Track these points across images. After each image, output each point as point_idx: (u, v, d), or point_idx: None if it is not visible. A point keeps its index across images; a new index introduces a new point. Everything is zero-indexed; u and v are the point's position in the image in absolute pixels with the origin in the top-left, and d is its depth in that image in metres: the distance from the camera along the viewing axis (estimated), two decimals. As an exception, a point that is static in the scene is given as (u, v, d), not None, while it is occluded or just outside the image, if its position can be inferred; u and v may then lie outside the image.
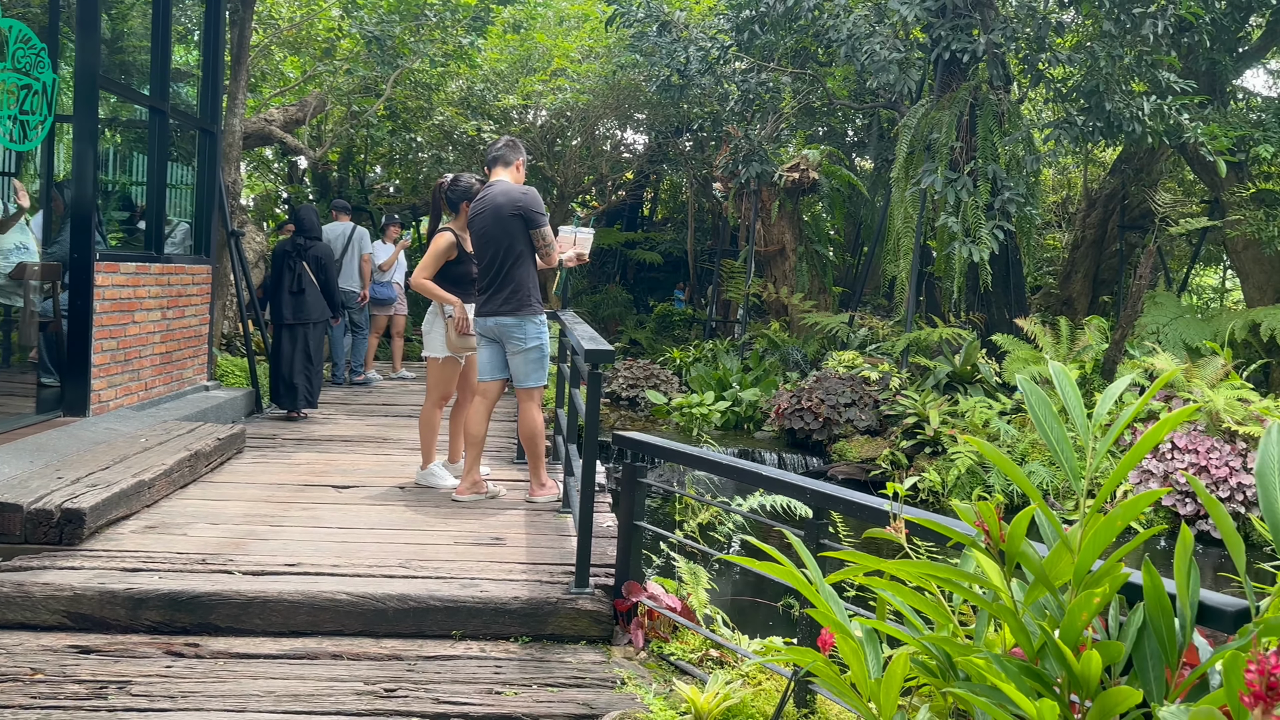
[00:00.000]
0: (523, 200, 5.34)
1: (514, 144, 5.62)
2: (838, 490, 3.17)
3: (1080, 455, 2.48)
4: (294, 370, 8.28)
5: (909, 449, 10.32)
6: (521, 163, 5.62)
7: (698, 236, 21.91)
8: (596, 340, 4.34)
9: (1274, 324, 10.95)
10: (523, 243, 5.36)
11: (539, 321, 5.45)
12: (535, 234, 5.36)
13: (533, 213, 5.34)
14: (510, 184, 5.44)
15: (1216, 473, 9.03)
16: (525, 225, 5.33)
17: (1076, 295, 17.28)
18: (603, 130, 18.55)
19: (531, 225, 5.35)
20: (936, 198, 10.82)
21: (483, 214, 5.36)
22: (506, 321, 5.38)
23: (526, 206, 5.33)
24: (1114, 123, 10.19)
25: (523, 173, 5.63)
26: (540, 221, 5.38)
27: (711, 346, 14.74)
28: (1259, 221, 11.21)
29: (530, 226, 5.35)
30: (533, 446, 5.48)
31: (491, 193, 5.40)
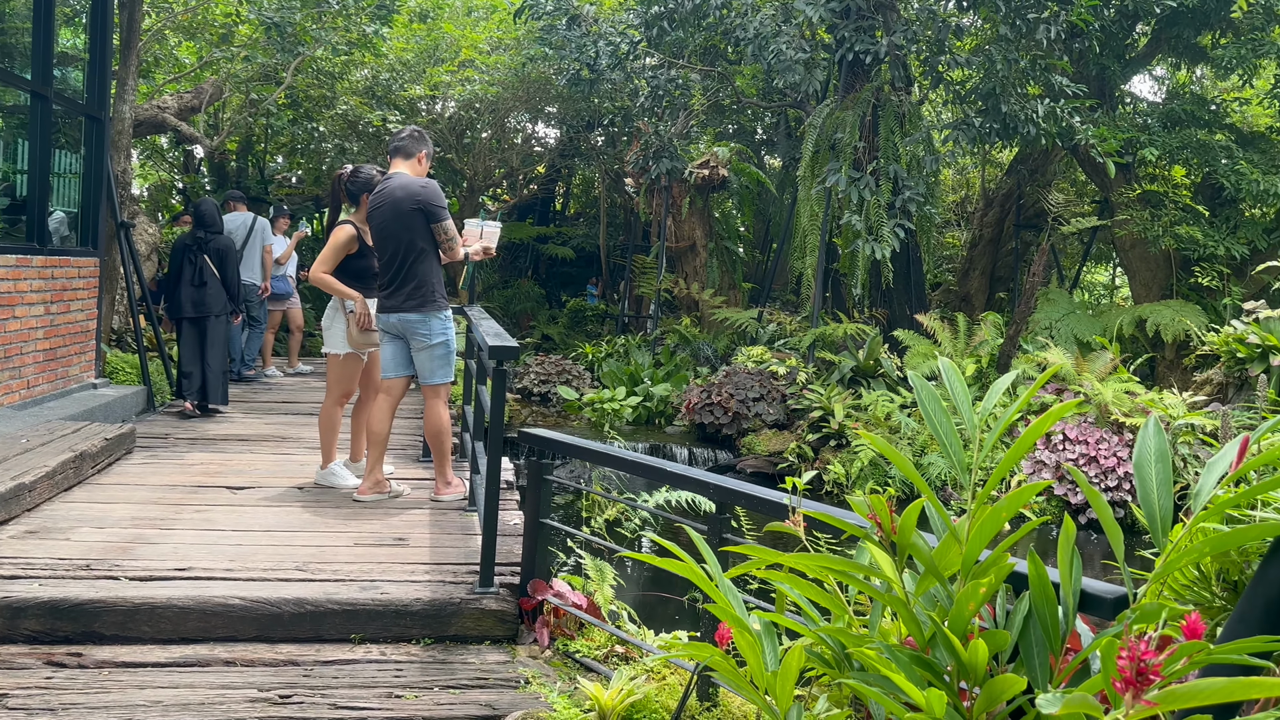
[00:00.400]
0: (422, 194, 5.23)
1: (419, 136, 5.50)
2: (739, 485, 3.20)
3: (968, 447, 2.54)
4: (201, 364, 8.12)
5: (815, 442, 10.50)
6: (425, 155, 5.50)
7: (610, 232, 21.92)
8: (501, 336, 4.28)
9: (1159, 320, 11.48)
10: (424, 237, 5.25)
11: (444, 317, 5.36)
12: (436, 228, 5.26)
13: (433, 206, 5.23)
14: (409, 177, 5.32)
15: (1105, 462, 9.42)
16: (426, 219, 5.22)
17: (974, 292, 17.83)
18: (513, 123, 18.39)
19: (432, 219, 5.24)
20: (841, 196, 11.03)
21: (381, 208, 5.24)
22: (410, 318, 5.27)
23: (426, 200, 5.22)
24: (1010, 124, 10.54)
25: (425, 166, 5.51)
26: (441, 215, 5.28)
27: (624, 342, 14.76)
28: (1145, 221, 11.73)
29: (431, 220, 5.24)
30: (438, 444, 5.39)
31: (390, 186, 5.27)
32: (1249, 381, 9.60)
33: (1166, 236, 11.69)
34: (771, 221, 19.43)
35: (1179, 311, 11.58)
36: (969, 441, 2.49)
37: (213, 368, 8.17)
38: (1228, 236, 11.50)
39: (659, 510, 4.00)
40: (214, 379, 8.18)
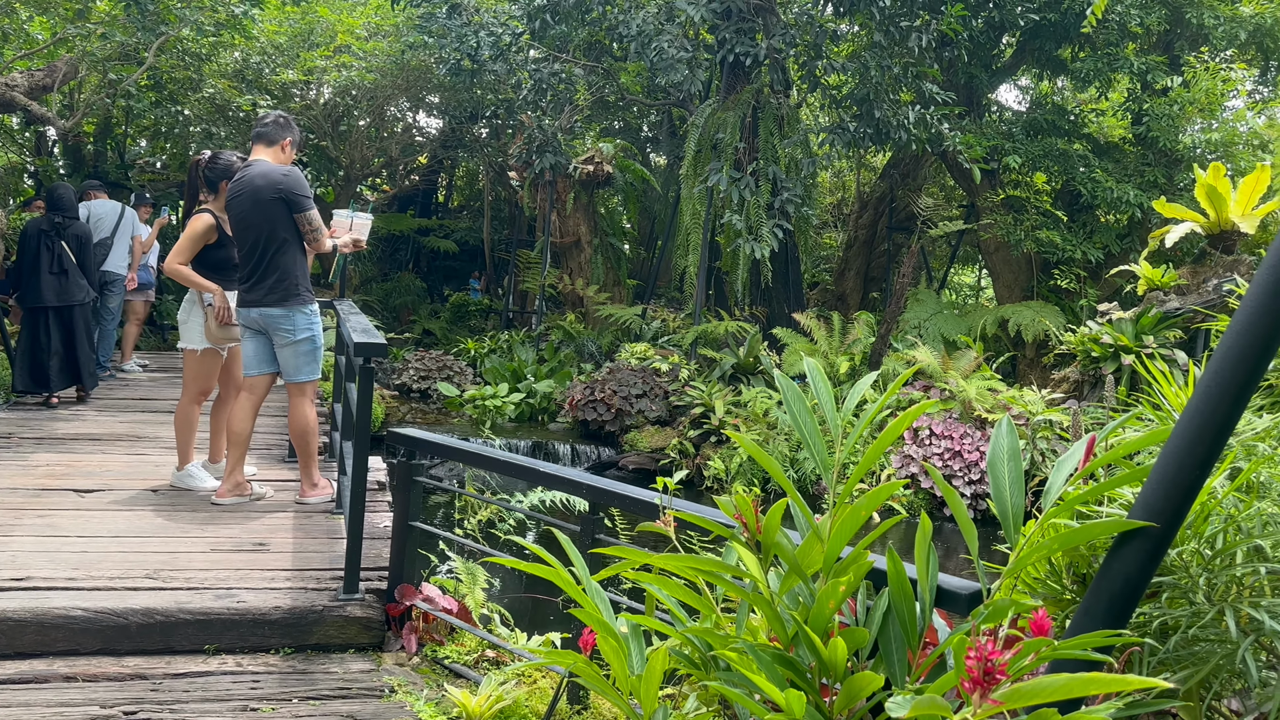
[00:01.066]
0: (284, 182, 5.00)
1: (283, 122, 5.26)
2: (610, 485, 3.16)
3: (831, 446, 2.56)
4: (72, 353, 7.99)
5: (696, 438, 10.60)
6: (290, 143, 5.26)
7: (495, 225, 21.65)
8: (369, 332, 4.13)
9: (1020, 320, 12.02)
10: (286, 228, 5.03)
11: (309, 312, 5.16)
12: (300, 218, 5.04)
13: (295, 195, 5.02)
14: (270, 164, 5.09)
15: (969, 457, 9.81)
16: (288, 209, 5.00)
17: (849, 291, 18.34)
18: (394, 112, 17.93)
19: (295, 209, 5.02)
20: (722, 195, 11.16)
21: (240, 196, 4.99)
22: (273, 313, 5.05)
23: (288, 189, 5.00)
24: (883, 129, 10.86)
25: (289, 153, 5.27)
26: (304, 205, 5.06)
27: (507, 338, 14.59)
28: (1008, 225, 12.27)
29: (294, 210, 5.02)
30: (304, 444, 5.18)
31: (249, 174, 5.02)
32: (1102, 380, 10.14)
33: (1028, 240, 12.25)
34: (656, 219, 19.54)
35: (1039, 312, 12.15)
36: (834, 440, 2.51)
37: (84, 355, 8.10)
38: (1084, 241, 12.13)
39: (533, 512, 3.93)
40: (86, 365, 8.13)
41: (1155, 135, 11.55)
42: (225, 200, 5.16)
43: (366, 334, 4.08)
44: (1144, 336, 9.85)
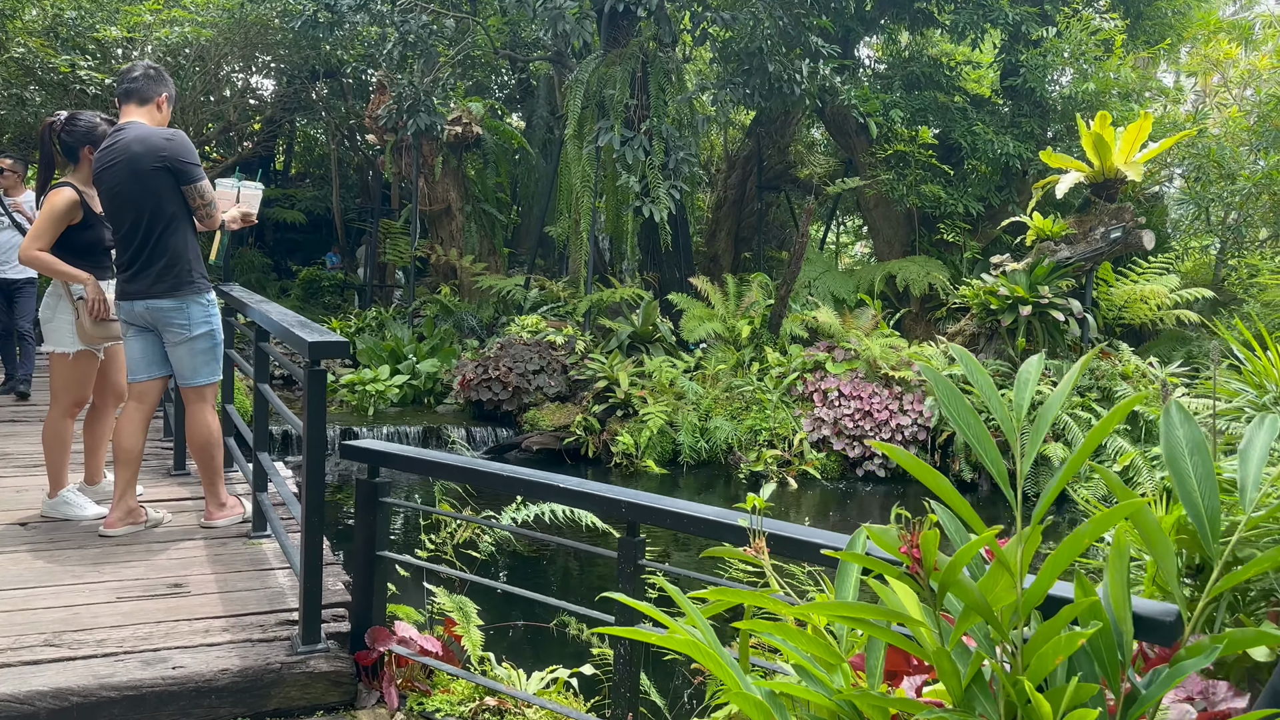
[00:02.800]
0: (168, 148, 4.17)
1: (156, 75, 4.38)
2: (663, 501, 2.64)
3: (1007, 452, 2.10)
4: None
5: (601, 413, 10.11)
6: (166, 99, 4.40)
7: (345, 194, 20.29)
8: (312, 327, 3.41)
9: (908, 275, 12.06)
10: (174, 202, 4.21)
11: (206, 302, 4.35)
12: (189, 190, 4.23)
13: (182, 164, 4.20)
14: (148, 127, 4.23)
15: (879, 416, 9.73)
16: (174, 180, 4.18)
17: (721, 253, 18.14)
18: (228, 72, 16.36)
19: (184, 180, 4.21)
20: (616, 157, 10.60)
21: (114, 166, 4.12)
22: (163, 305, 4.22)
23: (174, 156, 4.17)
24: (775, 85, 10.53)
25: (166, 112, 4.41)
26: (195, 174, 4.25)
27: (376, 315, 13.61)
28: (891, 181, 12.25)
29: (182, 181, 4.21)
30: (207, 459, 4.39)
31: (124, 139, 4.16)
32: (998, 332, 10.25)
33: (911, 195, 12.27)
34: (520, 183, 18.74)
35: (925, 266, 12.23)
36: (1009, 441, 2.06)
37: None
38: (965, 194, 12.26)
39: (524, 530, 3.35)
40: None
41: (1031, 86, 11.73)
42: (91, 171, 4.26)
43: (310, 328, 3.36)
44: (1039, 287, 9.99)
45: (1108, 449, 9.37)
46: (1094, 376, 9.98)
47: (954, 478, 9.64)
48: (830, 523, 8.90)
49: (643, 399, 9.96)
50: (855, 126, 12.90)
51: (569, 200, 11.57)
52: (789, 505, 9.19)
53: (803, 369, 10.26)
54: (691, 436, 9.83)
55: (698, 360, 10.81)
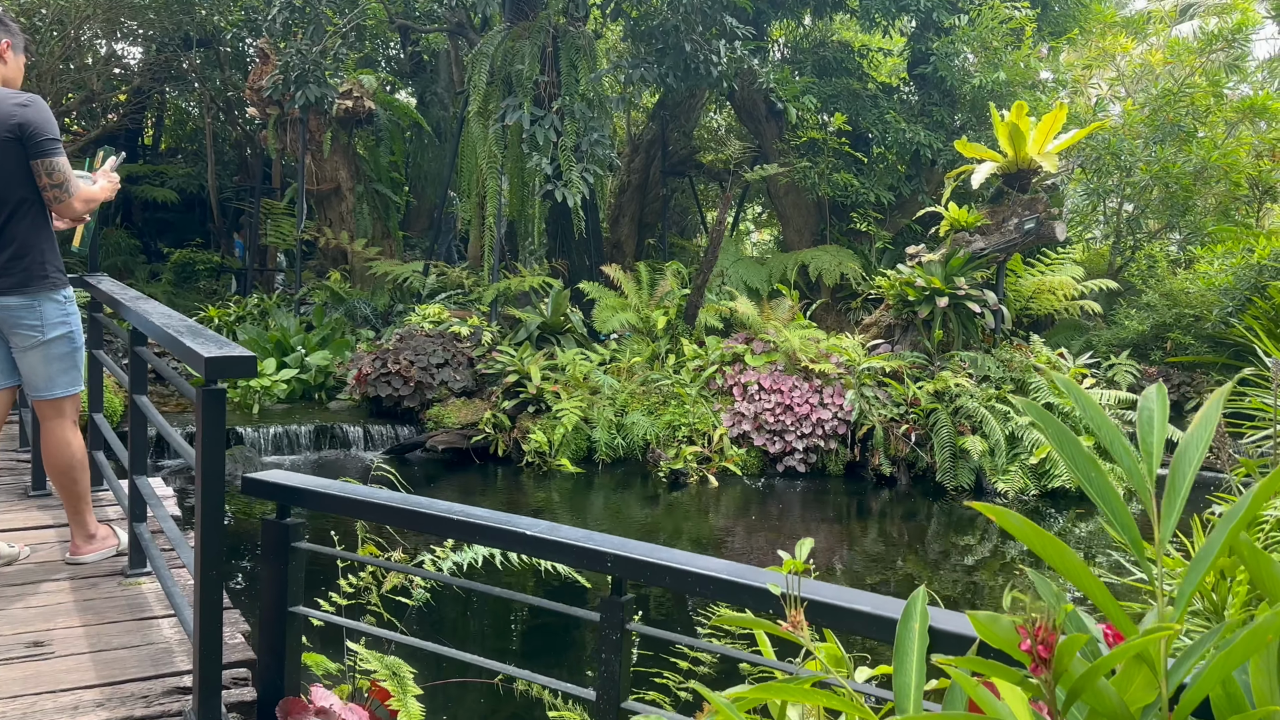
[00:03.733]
0: (22, 113, 3.44)
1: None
2: (663, 555, 2.16)
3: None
4: None
5: (512, 409, 9.54)
6: (9, 47, 3.65)
7: (221, 170, 18.97)
8: (206, 336, 2.78)
9: (821, 265, 11.86)
10: (24, 182, 3.49)
11: (63, 299, 3.65)
12: (42, 167, 3.50)
13: (41, 134, 3.47)
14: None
15: (799, 410, 9.47)
16: (25, 153, 3.47)
17: (625, 239, 17.69)
18: (90, 37, 14.99)
19: (37, 153, 3.49)
20: (525, 136, 9.99)
21: None
22: (9, 303, 3.51)
23: (30, 123, 3.45)
24: (690, 65, 10.11)
25: (13, 66, 3.66)
26: (53, 148, 3.52)
27: (258, 302, 12.65)
28: (804, 169, 12.02)
29: (35, 154, 3.49)
30: (70, 483, 3.68)
31: None
32: (914, 324, 10.12)
33: (824, 184, 12.07)
34: (413, 161, 17.86)
35: (838, 256, 12.05)
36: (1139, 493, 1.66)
37: None
38: (876, 183, 12.12)
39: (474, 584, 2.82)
40: None
41: (941, 75, 11.65)
42: None
43: (204, 339, 2.73)
44: (955, 279, 9.89)
45: (1024, 442, 9.35)
46: (1006, 368, 9.96)
47: (873, 472, 9.47)
48: (750, 520, 8.60)
49: (555, 394, 9.45)
50: (766, 112, 12.62)
51: (471, 182, 10.91)
52: (709, 503, 8.85)
53: (721, 362, 9.91)
54: (608, 433, 9.38)
55: (612, 353, 10.35)
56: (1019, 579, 7.66)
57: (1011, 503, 9.03)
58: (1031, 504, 9.15)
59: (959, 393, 9.44)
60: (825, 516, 8.82)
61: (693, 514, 8.59)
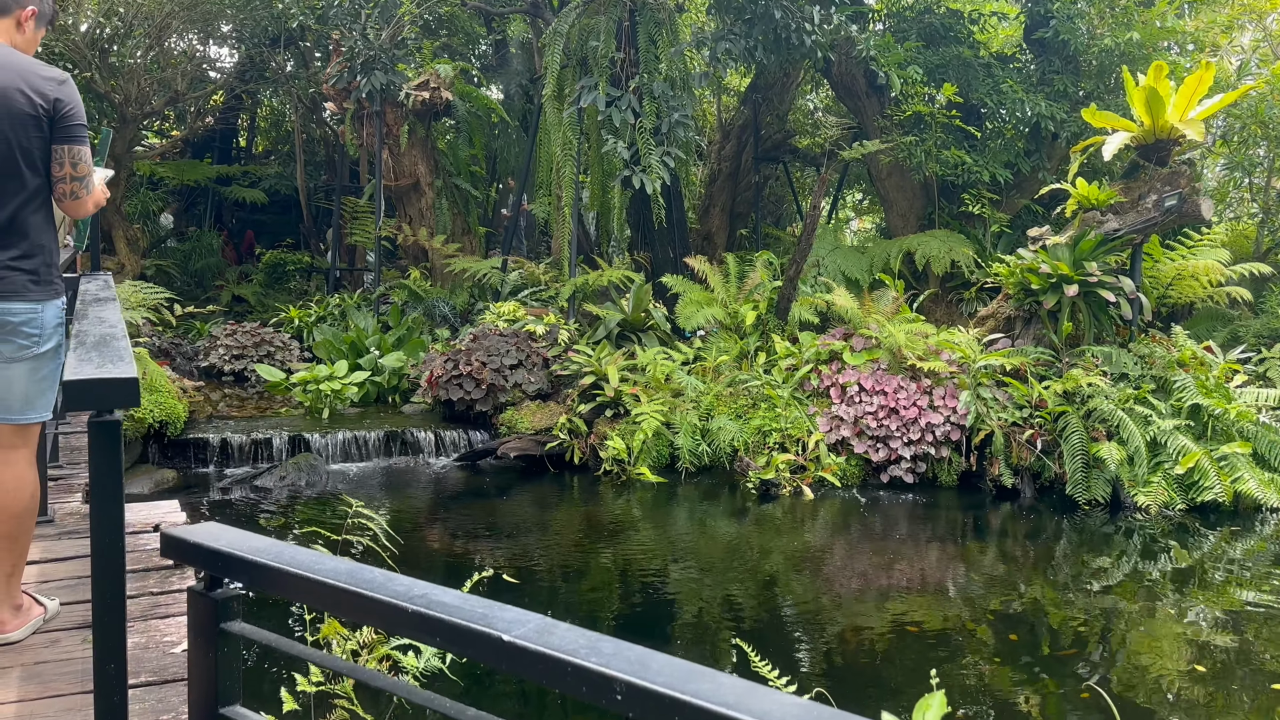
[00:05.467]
0: (59, 91, 2.89)
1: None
2: (703, 687, 1.38)
3: None
4: None
5: (588, 413, 8.85)
6: (32, 16, 3.06)
7: (311, 171, 18.89)
8: (110, 351, 2.10)
9: (929, 252, 10.82)
10: (39, 166, 2.92)
11: (62, 306, 3.08)
12: (67, 154, 2.92)
13: (75, 120, 2.91)
14: (15, 53, 2.93)
15: (906, 414, 8.51)
16: (50, 137, 2.90)
17: (715, 230, 16.86)
18: (175, 38, 14.95)
19: (66, 138, 2.91)
20: (600, 119, 9.28)
21: None
22: (14, 309, 2.91)
23: (67, 102, 2.90)
24: (781, 35, 9.23)
25: (31, 36, 3.07)
26: (83, 136, 2.93)
27: (339, 302, 12.29)
28: (910, 146, 10.98)
29: (62, 139, 2.91)
30: (20, 533, 3.01)
31: None
32: (1037, 315, 9.02)
33: (931, 162, 11.01)
34: (498, 156, 17.38)
35: (947, 242, 10.99)
36: None
37: None
38: (991, 160, 11.00)
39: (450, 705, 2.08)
40: None
41: (1064, 38, 10.46)
42: None
43: (94, 359, 2.03)
44: (1085, 263, 8.76)
45: (1168, 448, 8.18)
46: (1146, 365, 8.80)
47: (992, 483, 8.45)
48: (850, 537, 7.71)
49: (635, 396, 8.71)
50: (866, 86, 11.61)
51: (549, 172, 10.26)
52: (804, 517, 7.99)
53: (817, 360, 9.02)
54: (691, 439, 8.60)
55: (696, 351, 9.56)
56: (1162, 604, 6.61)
57: (1154, 519, 7.90)
58: (1177, 520, 8.00)
59: (1092, 393, 8.33)
60: (937, 533, 7.86)
61: (785, 529, 7.74)
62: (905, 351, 8.81)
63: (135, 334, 10.18)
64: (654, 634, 5.82)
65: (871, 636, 5.85)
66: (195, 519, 7.52)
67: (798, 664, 5.63)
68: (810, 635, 5.97)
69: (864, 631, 5.91)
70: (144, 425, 8.23)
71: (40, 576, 3.61)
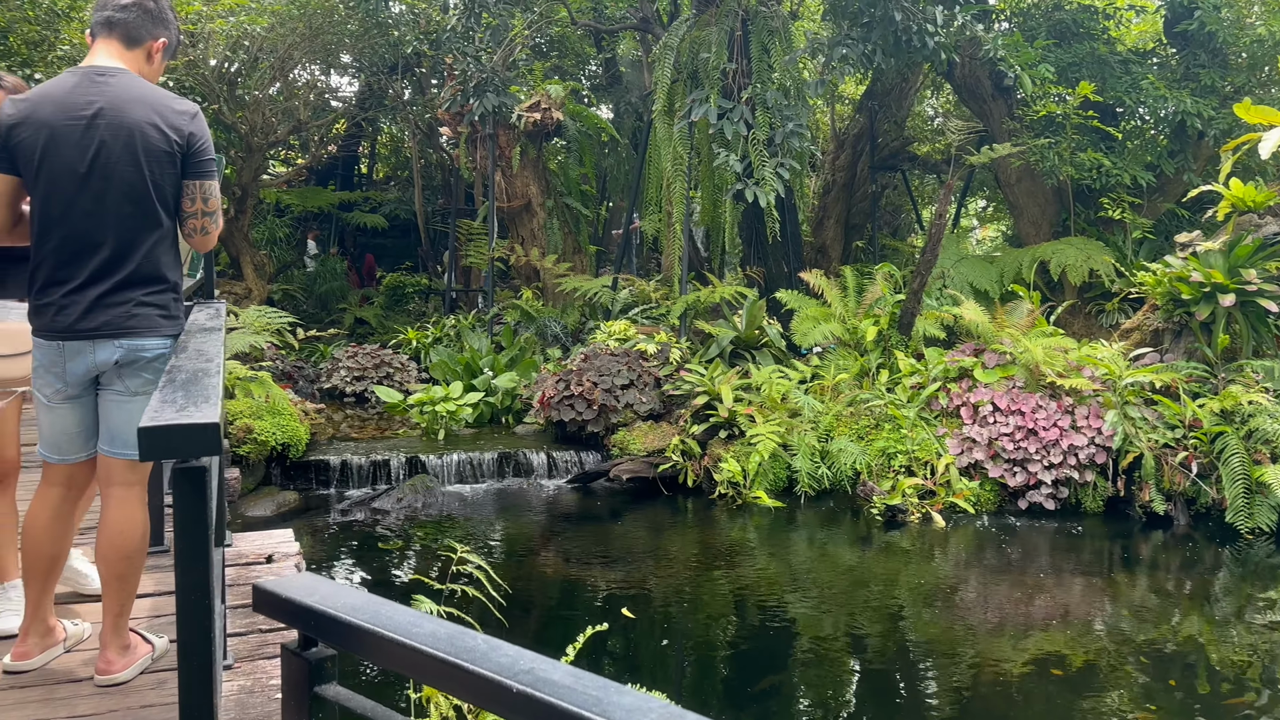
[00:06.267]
0: (192, 126, 2.83)
1: (155, 10, 2.93)
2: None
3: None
4: None
5: (701, 434, 8.59)
6: (163, 48, 2.98)
7: (428, 195, 19.27)
8: (192, 395, 1.95)
9: (1064, 260, 10.18)
10: (170, 201, 2.85)
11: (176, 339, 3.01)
12: (199, 189, 2.86)
13: (207, 155, 2.87)
14: (152, 86, 2.86)
15: (1046, 435, 7.94)
16: (181, 171, 2.84)
17: (830, 242, 16.40)
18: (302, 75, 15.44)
19: (198, 173, 2.85)
20: (711, 132, 9.05)
21: (90, 127, 2.71)
22: (144, 344, 2.83)
23: (200, 137, 2.85)
24: (901, 37, 8.83)
25: (159, 66, 3.00)
26: (214, 170, 2.88)
27: (454, 323, 12.39)
28: (1042, 149, 10.36)
29: (194, 174, 2.85)
30: (131, 573, 2.90)
31: (111, 92, 2.75)
32: (1191, 327, 8.33)
33: (1065, 165, 10.37)
34: (609, 174, 17.36)
35: (1085, 250, 10.32)
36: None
37: None
38: (1130, 162, 10.29)
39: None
40: None
41: (1210, 30, 9.70)
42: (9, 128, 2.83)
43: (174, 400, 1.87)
44: (1241, 271, 8.04)
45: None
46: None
47: (1141, 509, 7.80)
48: (985, 568, 7.20)
49: (750, 417, 8.41)
50: (991, 88, 11.05)
51: (659, 188, 10.08)
52: (934, 546, 7.52)
53: (945, 378, 8.54)
54: (810, 462, 8.24)
55: (814, 369, 9.20)
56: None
57: (1330, 551, 7.14)
58: (1354, 551, 7.22)
59: (1253, 411, 7.61)
60: (1081, 564, 7.28)
61: (914, 559, 7.29)
62: (1043, 368, 8.25)
63: (259, 357, 10.44)
64: (773, 668, 5.52)
65: (1010, 676, 5.40)
66: (315, 544, 7.58)
67: (929, 704, 5.24)
68: (943, 673, 5.55)
69: (1002, 670, 5.46)
70: (267, 447, 8.37)
71: (153, 610, 3.56)
